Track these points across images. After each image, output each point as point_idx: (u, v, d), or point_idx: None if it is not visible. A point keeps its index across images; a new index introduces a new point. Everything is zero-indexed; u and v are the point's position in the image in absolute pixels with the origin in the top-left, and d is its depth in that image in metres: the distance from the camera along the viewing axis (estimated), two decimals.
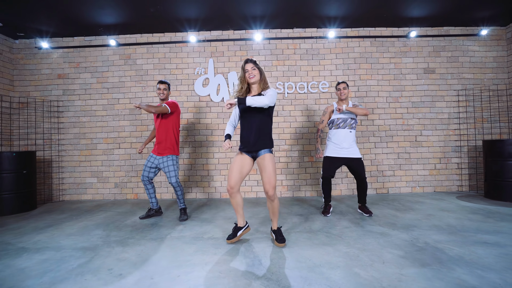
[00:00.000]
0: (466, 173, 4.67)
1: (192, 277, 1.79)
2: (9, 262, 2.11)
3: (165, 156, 3.23)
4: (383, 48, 4.73)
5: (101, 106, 4.76)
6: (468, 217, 3.02)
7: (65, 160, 4.75)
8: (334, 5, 4.04)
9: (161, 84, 3.29)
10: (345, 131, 3.19)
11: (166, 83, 3.33)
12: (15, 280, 1.81)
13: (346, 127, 3.20)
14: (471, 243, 2.25)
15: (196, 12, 4.18)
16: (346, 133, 3.18)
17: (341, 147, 3.18)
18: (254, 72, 2.31)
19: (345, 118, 3.22)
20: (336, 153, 3.19)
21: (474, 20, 4.54)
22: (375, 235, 2.51)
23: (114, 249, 2.34)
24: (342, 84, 3.26)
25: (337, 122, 3.24)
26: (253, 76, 2.30)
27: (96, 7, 3.91)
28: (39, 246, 2.44)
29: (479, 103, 4.66)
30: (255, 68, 2.32)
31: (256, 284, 1.67)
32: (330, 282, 1.68)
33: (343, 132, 3.19)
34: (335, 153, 3.19)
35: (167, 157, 3.23)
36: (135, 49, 4.77)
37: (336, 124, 3.25)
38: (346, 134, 3.18)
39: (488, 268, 1.79)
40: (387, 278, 1.70)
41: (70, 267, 1.99)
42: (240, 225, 2.46)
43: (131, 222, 3.21)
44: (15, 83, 4.79)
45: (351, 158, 3.17)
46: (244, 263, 1.98)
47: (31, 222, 3.31)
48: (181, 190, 3.33)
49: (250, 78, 2.30)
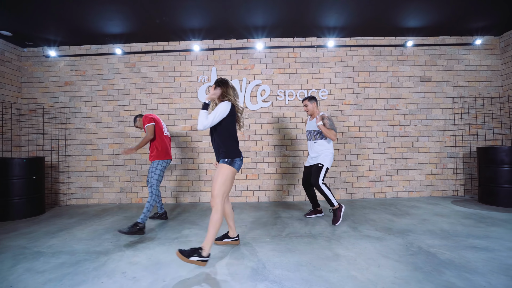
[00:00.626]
0: (461, 178, 4.82)
1: (200, 279, 1.93)
2: (28, 265, 2.24)
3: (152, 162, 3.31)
4: (381, 57, 4.88)
5: (107, 113, 4.90)
6: (461, 222, 3.17)
7: (71, 165, 4.88)
8: (334, 15, 4.20)
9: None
10: (310, 142, 3.44)
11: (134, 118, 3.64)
12: (36, 283, 1.94)
13: (311, 139, 3.42)
14: (462, 247, 2.40)
15: (199, 22, 4.33)
16: (311, 145, 3.43)
17: (309, 156, 3.48)
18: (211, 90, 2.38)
19: (310, 130, 3.45)
20: (307, 162, 3.52)
21: (469, 30, 4.70)
22: (371, 240, 2.66)
23: (125, 253, 2.48)
24: (304, 101, 3.44)
25: (306, 135, 3.55)
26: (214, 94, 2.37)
27: (104, 18, 4.06)
28: (53, 250, 2.58)
29: (474, 110, 4.81)
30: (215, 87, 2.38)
31: (261, 286, 1.81)
32: (329, 284, 1.82)
33: (309, 143, 3.46)
34: (306, 163, 3.53)
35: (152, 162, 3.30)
36: (140, 57, 4.92)
37: (307, 137, 3.53)
38: (311, 145, 3.42)
39: (475, 272, 1.93)
40: (382, 281, 1.85)
41: (86, 271, 2.12)
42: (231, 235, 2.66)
43: None
44: (23, 90, 4.93)
45: (313, 165, 3.39)
46: (249, 267, 2.12)
47: (42, 226, 3.44)
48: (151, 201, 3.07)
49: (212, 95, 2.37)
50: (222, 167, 2.26)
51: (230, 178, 2.26)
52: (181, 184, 4.81)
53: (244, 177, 4.77)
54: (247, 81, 4.82)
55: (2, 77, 4.56)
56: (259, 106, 4.80)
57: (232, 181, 2.31)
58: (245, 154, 4.78)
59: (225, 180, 2.23)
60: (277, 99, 4.82)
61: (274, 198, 4.76)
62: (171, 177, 4.81)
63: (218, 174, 2.24)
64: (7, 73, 4.65)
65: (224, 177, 2.23)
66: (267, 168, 4.78)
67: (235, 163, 2.29)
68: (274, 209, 4.11)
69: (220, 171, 2.25)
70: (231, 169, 2.27)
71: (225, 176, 2.24)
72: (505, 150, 3.87)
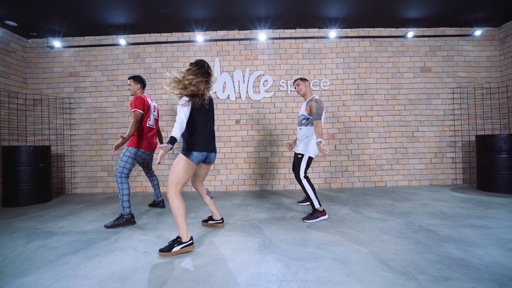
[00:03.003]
0: (460, 167, 4.90)
1: (212, 253, 2.01)
2: (42, 242, 2.32)
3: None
4: (382, 48, 4.95)
5: (111, 103, 4.96)
6: (460, 206, 3.25)
7: (76, 154, 4.95)
8: (335, 7, 4.25)
9: (129, 79, 3.26)
10: (297, 128, 3.15)
11: (132, 78, 3.23)
12: (53, 256, 2.02)
13: (298, 124, 3.15)
14: (461, 226, 2.48)
15: (203, 13, 4.38)
16: (298, 130, 3.14)
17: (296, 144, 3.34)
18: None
19: (298, 116, 3.19)
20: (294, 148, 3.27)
21: (468, 21, 4.76)
22: (374, 220, 2.74)
23: (135, 232, 2.55)
24: (296, 81, 3.16)
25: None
26: None
27: (109, 8, 4.10)
28: (65, 230, 2.65)
29: (473, 101, 4.89)
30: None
31: (269, 258, 1.89)
32: (335, 255, 1.90)
33: (297, 129, 3.18)
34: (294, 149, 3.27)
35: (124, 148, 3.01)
36: (144, 48, 4.97)
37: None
38: (298, 131, 3.14)
39: (474, 244, 2.02)
40: (385, 252, 1.93)
41: (98, 247, 2.20)
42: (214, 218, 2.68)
43: (145, 211, 3.42)
44: (28, 81, 4.98)
45: (295, 153, 3.08)
46: (256, 243, 2.20)
47: (51, 211, 3.51)
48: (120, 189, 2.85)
49: None
50: (178, 157, 2.18)
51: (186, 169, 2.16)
52: None
53: (247, 166, 4.85)
54: (250, 71, 4.88)
55: (7, 68, 4.60)
56: (261, 96, 4.86)
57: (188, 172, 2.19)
58: (247, 144, 4.85)
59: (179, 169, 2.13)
60: (280, 89, 4.89)
61: (277, 187, 4.84)
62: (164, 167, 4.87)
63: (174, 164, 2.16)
64: (12, 63, 4.69)
65: (178, 166, 2.13)
66: (270, 157, 4.86)
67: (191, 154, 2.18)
68: (277, 196, 4.20)
69: (176, 161, 2.16)
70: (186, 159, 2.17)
71: (179, 166, 2.13)
72: (503, 137, 3.95)
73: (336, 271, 1.67)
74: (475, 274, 1.58)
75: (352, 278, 1.58)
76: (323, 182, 4.84)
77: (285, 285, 1.52)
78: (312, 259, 1.85)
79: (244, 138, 4.85)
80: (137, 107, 2.95)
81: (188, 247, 2.05)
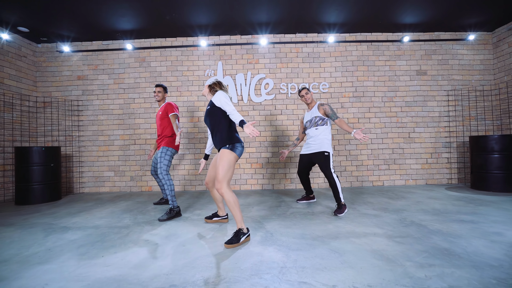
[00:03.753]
0: (455, 167, 5.07)
1: (217, 245, 2.18)
2: (59, 235, 2.50)
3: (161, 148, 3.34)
4: (379, 52, 5.13)
5: (118, 105, 5.14)
6: (452, 203, 3.42)
7: (84, 155, 5.13)
8: (334, 12, 4.43)
9: (156, 87, 3.62)
10: (311, 130, 3.37)
11: (161, 86, 3.63)
12: (71, 247, 2.20)
13: (312, 126, 3.37)
14: (450, 221, 2.65)
15: (206, 19, 4.56)
16: (312, 132, 3.36)
17: (308, 144, 3.43)
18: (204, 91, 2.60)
19: (310, 119, 3.41)
20: (305, 150, 3.45)
21: (462, 26, 4.93)
22: (369, 216, 2.91)
23: (144, 228, 2.73)
24: (303, 90, 3.45)
25: (306, 126, 3.50)
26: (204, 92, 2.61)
27: (117, 15, 4.30)
28: (79, 226, 2.83)
29: (467, 103, 5.06)
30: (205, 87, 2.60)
31: (270, 249, 2.06)
32: (331, 246, 2.07)
33: (310, 131, 3.40)
34: (305, 150, 3.47)
35: (161, 148, 3.32)
36: (149, 52, 5.16)
37: (306, 128, 3.50)
38: (312, 132, 3.35)
39: (460, 237, 2.19)
40: (377, 244, 2.10)
41: (112, 239, 2.37)
42: (219, 214, 2.88)
43: (152, 209, 3.60)
44: (38, 84, 5.17)
45: (315, 152, 3.29)
46: (258, 235, 2.38)
47: (62, 209, 3.69)
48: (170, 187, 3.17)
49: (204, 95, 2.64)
50: (223, 153, 2.30)
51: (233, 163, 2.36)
52: (189, 173, 5.06)
53: (249, 166, 5.02)
54: (251, 75, 5.07)
55: (19, 71, 4.80)
56: (263, 98, 5.04)
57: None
58: (249, 145, 5.03)
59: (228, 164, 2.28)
60: (280, 92, 5.07)
61: (278, 186, 5.01)
62: (179, 166, 5.06)
63: (220, 160, 2.28)
64: (23, 67, 4.89)
65: (226, 162, 2.27)
66: (271, 158, 5.03)
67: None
68: (278, 195, 4.37)
69: (223, 157, 2.29)
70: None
71: (227, 161, 2.28)
72: (495, 138, 4.11)
73: (331, 259, 1.84)
74: (457, 261, 1.74)
75: (345, 265, 1.75)
76: (322, 182, 5.01)
77: (285, 271, 1.69)
78: (309, 250, 2.02)
79: (246, 139, 5.02)
80: (176, 111, 3.45)
81: (248, 237, 2.27)
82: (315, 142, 3.32)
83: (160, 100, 3.64)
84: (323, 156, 3.22)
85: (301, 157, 3.56)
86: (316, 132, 3.33)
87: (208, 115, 2.46)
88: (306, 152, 3.45)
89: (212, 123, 2.44)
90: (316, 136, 3.32)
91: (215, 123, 2.42)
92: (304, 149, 3.52)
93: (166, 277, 1.64)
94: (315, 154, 3.32)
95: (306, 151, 3.45)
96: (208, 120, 2.48)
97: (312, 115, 3.42)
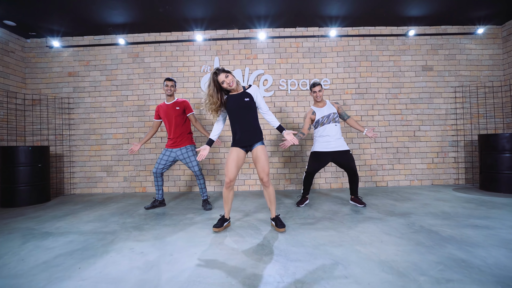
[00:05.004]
0: (463, 166, 4.85)
1: (208, 254, 1.97)
2: (38, 243, 2.29)
3: (184, 147, 3.43)
4: (383, 47, 4.90)
5: (110, 103, 4.94)
6: (462, 206, 3.20)
7: (75, 155, 4.93)
8: (336, 5, 4.21)
9: (169, 81, 3.46)
10: (331, 125, 3.27)
11: (173, 80, 3.51)
12: (47, 257, 1.99)
13: (330, 121, 3.28)
14: (463, 226, 2.44)
15: (202, 12, 4.35)
16: (331, 128, 3.26)
17: (328, 141, 3.26)
18: (229, 79, 2.38)
19: (328, 114, 3.31)
20: (324, 147, 3.27)
21: (471, 19, 4.70)
22: (374, 221, 2.70)
23: (132, 233, 2.52)
24: (317, 86, 3.32)
25: (322, 121, 3.33)
26: (232, 83, 2.39)
27: (108, 8, 4.08)
28: (61, 231, 2.62)
29: (475, 100, 4.84)
30: (228, 75, 2.38)
31: (267, 259, 1.86)
32: (334, 256, 1.86)
33: (328, 127, 3.27)
34: (323, 148, 3.27)
35: (186, 148, 3.43)
36: (143, 47, 4.95)
37: (321, 123, 3.33)
38: (332, 127, 3.26)
39: (476, 245, 1.97)
40: (385, 253, 1.89)
41: (94, 247, 2.17)
42: (226, 217, 2.62)
43: (143, 211, 3.39)
44: (27, 81, 4.97)
45: (339, 151, 3.25)
46: (254, 243, 2.17)
47: (49, 212, 3.49)
48: (204, 179, 3.55)
49: (230, 86, 2.40)
50: (263, 149, 2.50)
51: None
52: (184, 173, 4.85)
53: (246, 166, 4.81)
54: (249, 71, 4.85)
55: (6, 68, 4.60)
56: None
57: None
58: None
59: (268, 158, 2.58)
60: (280, 88, 4.85)
61: (277, 187, 4.80)
62: (174, 166, 4.85)
63: (262, 155, 2.46)
64: (11, 63, 4.69)
65: (267, 156, 2.54)
66: (270, 157, 4.82)
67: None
68: (277, 196, 4.16)
69: (263, 151, 2.49)
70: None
71: (267, 155, 2.55)
72: (506, 136, 3.89)
73: (334, 272, 1.63)
74: (478, 276, 1.53)
75: (351, 279, 1.54)
76: (323, 182, 4.80)
77: (282, 286, 1.48)
78: (310, 260, 1.81)
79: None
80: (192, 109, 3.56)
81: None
82: (335, 139, 3.27)
83: (171, 95, 3.48)
84: (349, 154, 3.29)
85: (318, 154, 3.34)
86: (335, 128, 3.29)
87: (245, 108, 2.44)
88: (327, 150, 3.27)
89: (249, 117, 2.48)
90: (336, 133, 3.29)
91: (252, 118, 2.49)
92: (321, 146, 3.30)
93: None
94: (338, 152, 3.27)
95: (326, 149, 3.27)
96: (243, 113, 2.46)
97: (330, 111, 3.34)
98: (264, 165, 2.44)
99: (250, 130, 2.48)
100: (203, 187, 3.54)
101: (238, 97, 2.44)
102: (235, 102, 2.44)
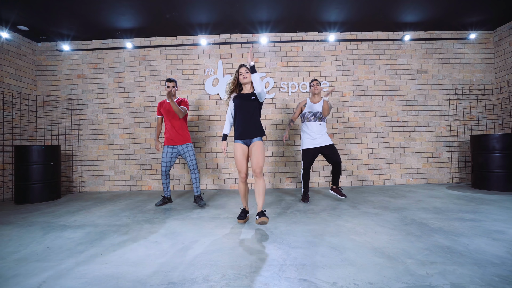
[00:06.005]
0: (456, 166, 5.04)
1: (217, 243, 2.16)
2: (58, 234, 2.48)
3: (185, 144, 3.63)
4: (380, 51, 5.11)
5: (118, 104, 5.13)
6: (453, 202, 3.40)
7: (84, 154, 5.12)
8: (334, 11, 4.42)
9: (170, 82, 3.59)
10: (316, 124, 3.57)
11: (174, 81, 3.63)
12: (70, 244, 2.18)
13: (316, 120, 3.57)
14: (451, 219, 2.63)
15: (207, 18, 4.55)
16: (316, 126, 3.57)
17: (313, 138, 3.57)
18: (247, 74, 2.67)
19: (314, 112, 3.59)
20: (311, 144, 3.58)
21: (463, 24, 4.91)
22: (370, 215, 2.89)
23: (144, 226, 2.71)
24: (315, 81, 3.66)
25: (307, 116, 3.63)
26: (246, 77, 2.67)
27: (117, 13, 4.29)
28: (78, 224, 2.81)
29: (468, 102, 5.04)
30: (248, 71, 2.68)
31: (270, 247, 2.05)
32: (331, 244, 2.05)
33: (314, 125, 3.57)
34: (311, 145, 3.58)
35: (186, 145, 3.63)
36: (149, 51, 5.15)
37: (307, 118, 3.64)
38: (316, 126, 3.57)
39: (461, 235, 2.17)
40: (378, 241, 2.08)
41: (111, 237, 2.36)
42: (247, 210, 2.85)
43: (152, 207, 3.58)
44: (37, 83, 5.16)
45: (325, 146, 3.55)
46: (258, 233, 2.36)
47: (62, 207, 3.68)
48: (199, 173, 3.75)
49: (244, 79, 2.68)
50: (260, 143, 2.66)
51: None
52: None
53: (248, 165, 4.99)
54: None
55: (18, 70, 4.79)
56: None
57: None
58: None
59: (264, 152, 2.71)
60: (280, 90, 5.05)
61: (278, 185, 4.99)
62: (179, 165, 5.05)
63: (258, 149, 2.62)
64: (23, 66, 4.88)
65: (263, 150, 2.69)
66: (271, 157, 5.02)
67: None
68: (278, 193, 4.35)
69: (260, 146, 2.64)
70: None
71: (264, 150, 2.70)
72: (497, 137, 4.09)
73: (332, 257, 1.82)
74: (458, 259, 1.73)
75: (346, 262, 1.73)
76: (322, 181, 4.99)
77: (285, 268, 1.67)
78: (310, 247, 2.00)
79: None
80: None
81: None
82: (319, 135, 3.55)
83: (174, 95, 3.67)
84: (333, 147, 3.56)
85: (308, 151, 3.64)
86: (319, 127, 3.57)
87: (250, 104, 2.66)
88: (313, 146, 3.58)
89: (252, 113, 2.68)
90: (320, 130, 3.57)
91: (255, 114, 2.70)
92: (308, 142, 3.61)
93: (165, 275, 1.63)
94: (324, 147, 3.56)
95: (313, 145, 3.58)
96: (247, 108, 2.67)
97: (317, 110, 3.58)
98: (259, 159, 2.60)
99: (252, 125, 2.68)
100: (197, 181, 3.68)
101: (246, 95, 2.69)
102: (242, 99, 2.69)
